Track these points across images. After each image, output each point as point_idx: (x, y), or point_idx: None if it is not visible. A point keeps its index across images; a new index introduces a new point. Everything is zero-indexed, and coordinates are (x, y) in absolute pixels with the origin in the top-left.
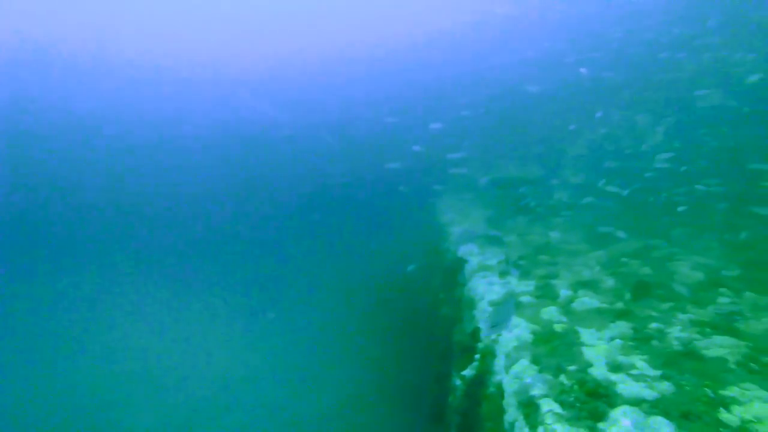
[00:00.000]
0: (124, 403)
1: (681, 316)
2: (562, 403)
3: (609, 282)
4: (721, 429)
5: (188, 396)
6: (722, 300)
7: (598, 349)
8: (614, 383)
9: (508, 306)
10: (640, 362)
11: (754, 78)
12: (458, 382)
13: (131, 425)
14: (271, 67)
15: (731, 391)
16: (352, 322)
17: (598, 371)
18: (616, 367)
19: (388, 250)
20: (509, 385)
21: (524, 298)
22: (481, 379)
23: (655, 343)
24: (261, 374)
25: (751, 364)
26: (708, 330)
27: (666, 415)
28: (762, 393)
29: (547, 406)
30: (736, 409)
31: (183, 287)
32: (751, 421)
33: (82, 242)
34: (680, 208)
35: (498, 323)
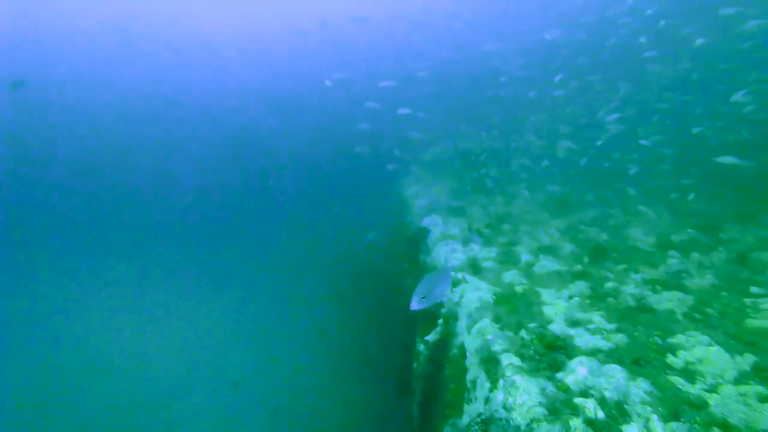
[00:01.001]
0: (81, 388)
1: (634, 275)
2: (522, 356)
3: (568, 247)
4: (667, 371)
5: (151, 377)
6: (672, 261)
7: (557, 307)
8: (572, 337)
9: (442, 278)
10: (596, 317)
11: (700, 42)
12: (422, 347)
13: (90, 408)
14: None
15: (677, 339)
16: (316, 296)
17: (557, 327)
18: (574, 323)
19: (352, 223)
20: (471, 344)
21: (486, 263)
22: (444, 343)
23: (610, 300)
24: (225, 352)
25: (695, 315)
26: (658, 287)
27: (619, 362)
28: (703, 338)
29: (508, 360)
30: (682, 354)
31: (142, 268)
32: (693, 363)
33: (34, 222)
34: (632, 171)
35: (430, 293)
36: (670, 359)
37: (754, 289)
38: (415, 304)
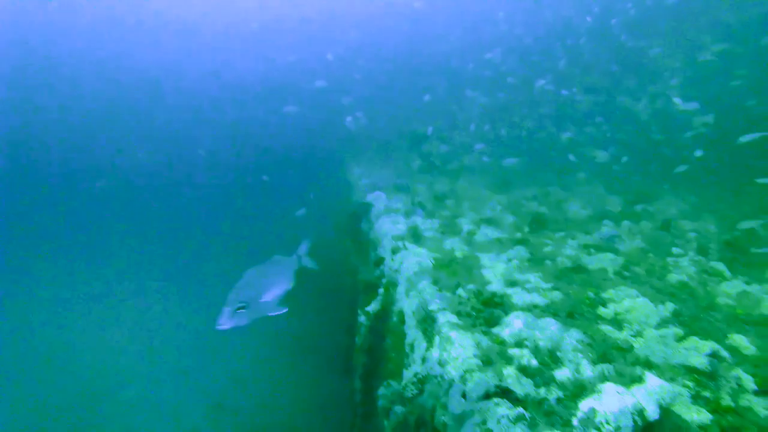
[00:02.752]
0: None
1: (571, 241)
2: (459, 314)
3: (509, 219)
4: (598, 321)
5: (87, 369)
6: (605, 229)
7: (496, 269)
8: (510, 295)
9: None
10: (534, 278)
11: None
12: (363, 318)
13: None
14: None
15: (608, 294)
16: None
17: (496, 286)
18: (512, 283)
19: (293, 205)
20: (409, 307)
21: (428, 233)
22: (384, 312)
23: (548, 262)
24: (165, 343)
25: (625, 273)
26: (593, 250)
27: (554, 315)
28: (631, 292)
29: (444, 318)
30: (612, 306)
31: (74, 258)
32: (621, 313)
33: None
34: (571, 158)
35: (252, 301)
36: (601, 311)
37: (675, 250)
38: (225, 321)
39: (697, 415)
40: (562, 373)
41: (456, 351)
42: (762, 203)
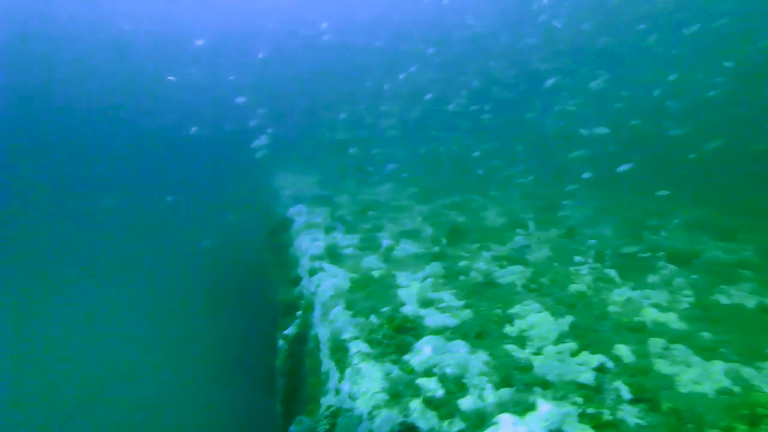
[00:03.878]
0: None
1: (485, 253)
2: (370, 342)
3: (429, 230)
4: (505, 340)
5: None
6: (518, 238)
7: (411, 288)
8: (422, 317)
9: None
10: (447, 296)
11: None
12: (281, 342)
13: None
14: None
15: (515, 309)
16: (181, 299)
17: (410, 308)
18: (426, 303)
19: (218, 219)
20: (323, 334)
21: (347, 250)
22: (303, 336)
23: (462, 278)
24: (72, 369)
25: (532, 285)
26: (505, 262)
27: (464, 337)
28: (536, 306)
29: (356, 347)
30: (518, 322)
31: None
32: (525, 329)
33: None
34: (480, 171)
35: None
36: (508, 329)
37: (576, 258)
38: None
39: None
40: (466, 403)
41: (365, 385)
42: (650, 209)
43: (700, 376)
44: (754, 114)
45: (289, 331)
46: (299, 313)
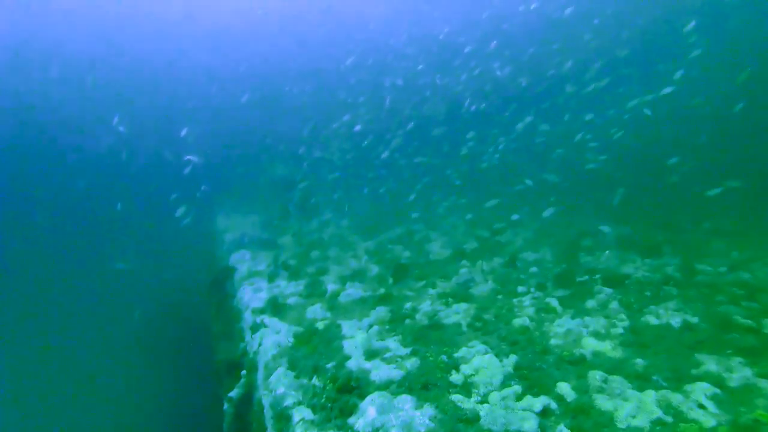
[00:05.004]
0: None
1: (431, 290)
2: (313, 408)
3: (374, 270)
4: (451, 389)
5: None
6: (462, 271)
7: (356, 339)
8: (367, 372)
9: None
10: (393, 343)
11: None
12: (227, 405)
13: None
14: None
15: (461, 352)
16: (122, 355)
17: (354, 362)
18: (371, 354)
19: (162, 269)
20: (266, 398)
21: (291, 299)
22: (247, 398)
23: (408, 321)
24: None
25: (476, 323)
26: (450, 300)
27: (409, 391)
28: (481, 347)
29: (299, 415)
30: (463, 367)
31: None
32: (471, 375)
33: None
34: (411, 197)
35: None
36: (453, 376)
37: (520, 288)
38: None
39: None
40: None
41: None
42: (584, 230)
43: (635, 409)
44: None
45: (234, 393)
46: (243, 372)
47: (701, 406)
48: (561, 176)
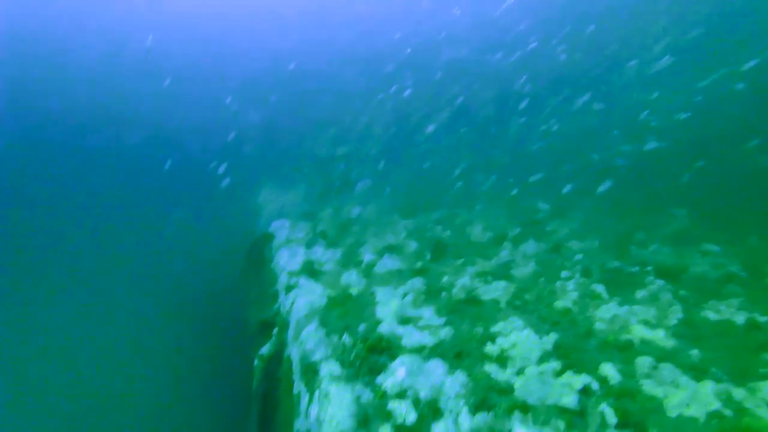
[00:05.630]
0: None
1: (470, 269)
2: (342, 363)
3: (413, 245)
4: (485, 360)
5: None
6: (503, 253)
7: (390, 305)
8: (399, 336)
9: None
10: (427, 312)
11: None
12: (257, 362)
13: None
14: None
15: (498, 327)
16: (162, 315)
17: (386, 326)
18: (404, 320)
19: (200, 234)
20: (296, 354)
21: (327, 266)
22: (278, 356)
23: (444, 294)
24: (66, 387)
25: (516, 302)
26: (489, 278)
27: (442, 357)
28: (519, 323)
29: (327, 368)
30: (499, 341)
31: None
32: (507, 349)
33: None
34: (459, 183)
35: None
36: (488, 348)
37: (563, 273)
38: None
39: None
40: (439, 429)
41: (332, 409)
42: (637, 224)
43: (689, 398)
44: (734, 129)
45: (264, 350)
46: (275, 331)
47: None
48: (617, 159)
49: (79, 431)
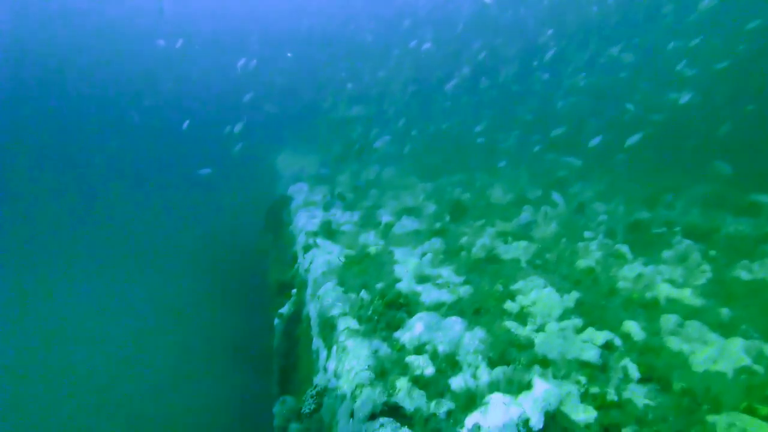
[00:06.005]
0: None
1: (490, 229)
2: (359, 318)
3: (431, 207)
4: (504, 316)
5: None
6: (524, 215)
7: (408, 264)
8: (418, 293)
9: None
10: (446, 271)
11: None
12: (277, 321)
13: None
14: None
15: (518, 285)
16: (181, 276)
17: (405, 284)
18: (422, 279)
19: (221, 198)
20: (314, 311)
21: (345, 227)
22: (297, 315)
23: (463, 254)
24: (98, 344)
25: (537, 261)
26: (510, 238)
27: (461, 314)
28: (540, 282)
29: (345, 323)
30: (519, 298)
31: None
32: (527, 306)
33: None
34: (480, 140)
35: None
36: (508, 305)
37: (587, 234)
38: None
39: (584, 414)
40: (457, 382)
41: (350, 362)
42: (666, 184)
43: (717, 355)
44: None
45: (284, 309)
46: (294, 291)
47: None
48: (648, 114)
49: (112, 384)
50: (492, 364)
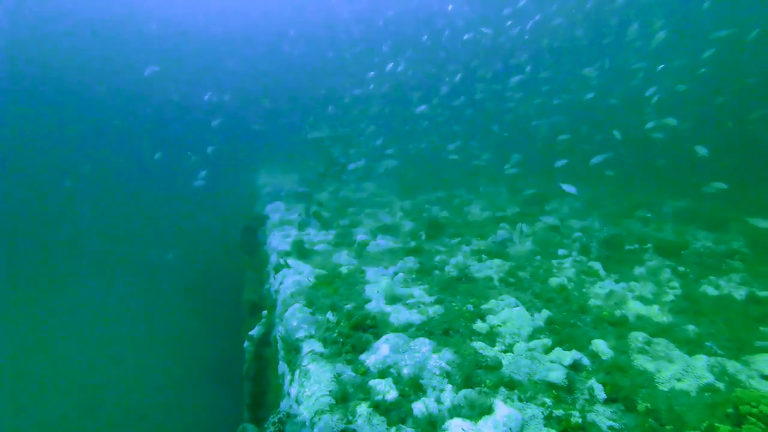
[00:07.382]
0: None
1: (465, 248)
2: (324, 341)
3: (408, 225)
4: (473, 336)
5: None
6: (500, 232)
7: (379, 284)
8: (387, 314)
9: None
10: (418, 291)
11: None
12: (247, 343)
13: None
14: None
15: (489, 304)
16: (159, 299)
17: (375, 304)
18: (393, 299)
19: (203, 217)
20: (280, 333)
21: (320, 246)
22: (267, 337)
23: (436, 272)
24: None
25: (510, 279)
26: (484, 256)
27: (429, 335)
28: (511, 301)
29: (309, 346)
30: (489, 318)
31: None
32: (497, 326)
33: None
34: (453, 157)
35: None
36: (478, 325)
37: (561, 251)
38: None
39: None
40: (419, 407)
41: (311, 388)
42: (639, 201)
43: (682, 373)
44: (734, 102)
45: (254, 332)
46: (264, 312)
47: (765, 377)
48: (617, 134)
49: (86, 407)
50: (457, 387)
